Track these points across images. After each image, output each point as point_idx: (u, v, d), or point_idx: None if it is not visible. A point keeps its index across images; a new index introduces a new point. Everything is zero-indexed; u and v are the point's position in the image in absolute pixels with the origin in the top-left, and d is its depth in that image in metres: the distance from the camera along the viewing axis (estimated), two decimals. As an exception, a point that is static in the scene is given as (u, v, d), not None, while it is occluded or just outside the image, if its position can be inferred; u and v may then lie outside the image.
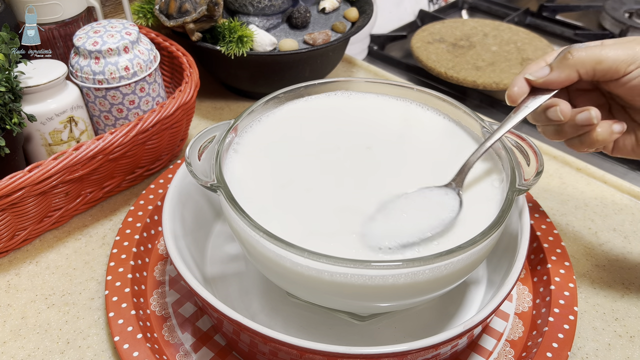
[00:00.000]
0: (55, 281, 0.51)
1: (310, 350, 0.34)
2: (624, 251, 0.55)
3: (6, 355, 0.45)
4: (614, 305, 0.50)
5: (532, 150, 0.42)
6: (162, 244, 0.53)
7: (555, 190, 0.63)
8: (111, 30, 0.57)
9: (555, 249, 0.51)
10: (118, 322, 0.44)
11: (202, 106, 0.76)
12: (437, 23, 0.98)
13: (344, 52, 0.78)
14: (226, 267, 0.51)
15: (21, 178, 0.47)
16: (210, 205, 0.53)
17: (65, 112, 0.55)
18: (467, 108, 0.47)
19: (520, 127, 0.81)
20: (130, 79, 0.57)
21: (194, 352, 0.44)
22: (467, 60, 0.86)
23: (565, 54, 0.41)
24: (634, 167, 0.72)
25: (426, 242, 0.37)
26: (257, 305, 0.47)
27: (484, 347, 0.45)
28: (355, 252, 0.37)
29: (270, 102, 0.48)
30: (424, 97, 0.49)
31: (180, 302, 0.48)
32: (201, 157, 0.41)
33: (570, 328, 0.44)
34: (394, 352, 0.34)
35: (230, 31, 0.65)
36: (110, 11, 0.76)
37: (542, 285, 0.49)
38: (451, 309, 0.47)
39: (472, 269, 0.39)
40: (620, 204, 0.61)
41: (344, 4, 0.78)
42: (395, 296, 0.37)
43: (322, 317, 0.46)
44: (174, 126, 0.59)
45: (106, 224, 0.57)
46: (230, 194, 0.38)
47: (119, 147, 0.53)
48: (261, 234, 0.35)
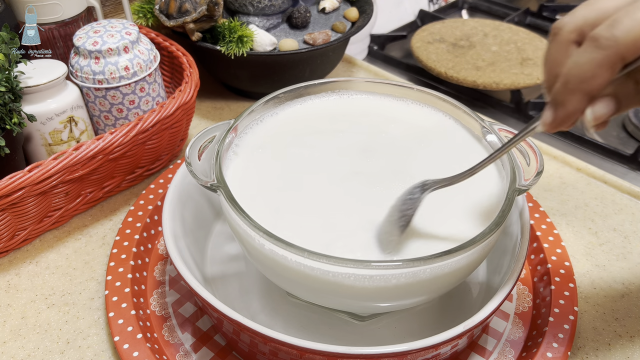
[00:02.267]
0: (55, 281, 0.51)
1: (310, 350, 0.34)
2: (624, 251, 0.55)
3: (6, 355, 0.45)
4: (614, 305, 0.50)
5: (532, 150, 0.42)
6: (162, 244, 0.53)
7: (555, 190, 0.63)
8: (111, 30, 0.57)
9: (555, 249, 0.51)
10: (118, 322, 0.44)
11: (202, 106, 0.76)
12: (437, 23, 0.98)
13: (344, 52, 0.78)
14: (226, 267, 0.51)
15: (21, 178, 0.47)
16: (210, 205, 0.53)
17: (65, 112, 0.55)
18: (467, 108, 0.47)
19: (521, 127, 0.81)
20: (130, 78, 0.57)
21: (194, 352, 0.44)
22: (467, 60, 0.86)
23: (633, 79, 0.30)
24: (634, 167, 0.72)
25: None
26: (257, 305, 0.47)
27: (484, 347, 0.45)
28: (354, 252, 0.37)
29: (270, 102, 0.48)
30: (424, 97, 0.49)
31: (180, 302, 0.48)
32: (201, 157, 0.41)
33: (570, 328, 0.44)
34: (394, 352, 0.34)
35: (230, 31, 0.65)
36: (110, 11, 0.76)
37: (542, 285, 0.49)
38: (451, 309, 0.47)
39: (472, 269, 0.39)
40: (620, 204, 0.61)
41: (344, 4, 0.78)
42: (395, 296, 0.37)
43: (322, 317, 0.46)
44: (174, 126, 0.59)
45: (106, 224, 0.57)
46: (230, 194, 0.38)
47: (119, 147, 0.53)
48: (261, 234, 0.35)
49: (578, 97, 0.30)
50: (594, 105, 0.31)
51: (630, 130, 0.79)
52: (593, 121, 0.31)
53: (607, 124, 0.33)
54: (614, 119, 0.82)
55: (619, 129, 0.80)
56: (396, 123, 0.48)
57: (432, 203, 0.41)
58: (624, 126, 0.80)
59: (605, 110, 0.31)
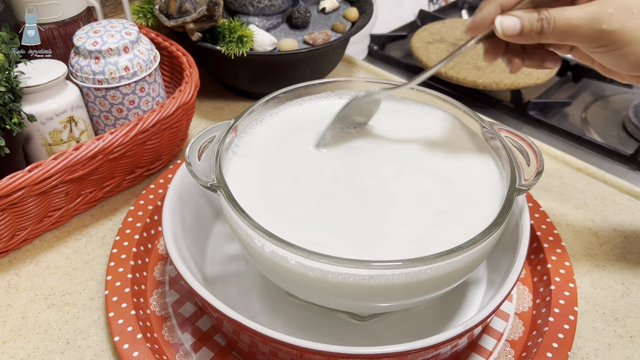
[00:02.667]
0: (55, 281, 0.51)
1: (310, 350, 0.34)
2: (624, 251, 0.55)
3: (6, 355, 0.45)
4: (614, 305, 0.50)
5: (532, 150, 0.42)
6: (162, 244, 0.53)
7: (555, 190, 0.63)
8: (111, 30, 0.57)
9: (555, 249, 0.51)
10: (118, 322, 0.44)
11: (202, 106, 0.76)
12: (437, 23, 0.98)
13: (344, 52, 0.78)
14: (226, 267, 0.51)
15: (21, 178, 0.47)
16: (210, 205, 0.53)
17: (65, 112, 0.55)
18: (467, 108, 0.47)
19: (520, 127, 0.81)
20: (130, 79, 0.57)
21: (194, 352, 0.44)
22: (467, 60, 0.86)
23: (539, 22, 0.39)
24: (634, 167, 0.72)
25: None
26: (257, 305, 0.47)
27: (484, 347, 0.45)
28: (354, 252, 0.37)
29: (270, 102, 0.48)
30: (424, 97, 0.49)
31: (180, 302, 0.48)
32: (201, 157, 0.41)
33: (570, 328, 0.44)
34: (394, 352, 0.34)
35: (230, 31, 0.65)
36: (110, 11, 0.76)
37: (542, 285, 0.49)
38: (451, 309, 0.47)
39: (472, 269, 0.39)
40: (620, 204, 0.61)
41: (344, 4, 0.78)
42: (396, 296, 0.37)
43: (322, 317, 0.46)
44: (174, 126, 0.59)
45: (106, 224, 0.57)
46: (230, 194, 0.38)
47: (119, 147, 0.53)
48: (261, 234, 0.35)
49: (492, 4, 0.41)
50: (503, 16, 0.40)
51: (630, 130, 0.79)
52: (500, 30, 0.40)
53: (496, 57, 0.44)
54: (614, 119, 0.82)
55: (619, 129, 0.80)
56: (396, 123, 0.48)
57: (432, 203, 0.41)
58: (624, 126, 0.80)
59: (510, 23, 0.39)
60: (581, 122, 0.82)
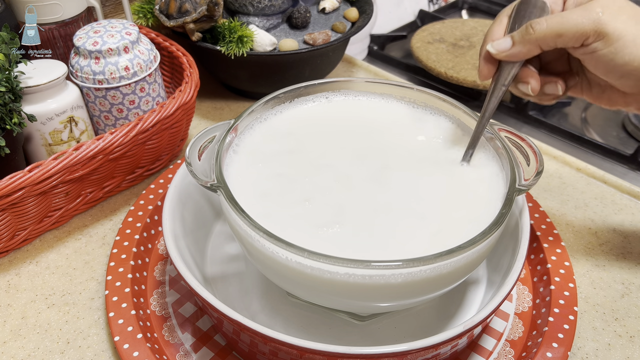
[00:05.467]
0: (55, 281, 0.51)
1: (310, 350, 0.34)
2: (624, 251, 0.55)
3: (6, 355, 0.45)
4: (614, 305, 0.50)
5: (532, 150, 0.42)
6: (162, 244, 0.53)
7: (555, 190, 0.63)
8: (111, 30, 0.57)
9: (555, 248, 0.51)
10: (118, 322, 0.44)
11: (202, 106, 0.76)
12: (437, 23, 0.98)
13: (344, 52, 0.78)
14: (226, 267, 0.51)
15: (21, 178, 0.47)
16: (210, 205, 0.53)
17: (65, 112, 0.55)
18: (467, 108, 0.47)
19: (520, 127, 0.81)
20: (130, 79, 0.57)
21: (194, 352, 0.44)
22: (467, 60, 0.86)
23: (526, 27, 0.42)
24: (634, 167, 0.72)
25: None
26: (257, 305, 0.47)
27: (484, 347, 0.45)
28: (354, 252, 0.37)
29: (270, 102, 0.48)
30: (424, 97, 0.49)
31: (180, 302, 0.48)
32: (201, 157, 0.41)
33: (570, 328, 0.44)
34: (394, 352, 0.34)
35: (230, 31, 0.65)
36: (110, 11, 0.76)
37: (542, 285, 0.49)
38: (451, 309, 0.47)
39: (472, 269, 0.39)
40: (620, 204, 0.61)
41: (344, 4, 0.78)
42: (396, 296, 0.37)
43: (322, 317, 0.46)
44: (174, 126, 0.59)
45: (106, 224, 0.57)
46: (230, 194, 0.38)
47: (119, 147, 0.53)
48: (261, 234, 0.35)
49: (485, 41, 0.45)
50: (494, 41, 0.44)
51: (630, 130, 0.79)
52: (493, 50, 0.43)
53: (490, 76, 0.46)
54: (614, 119, 0.82)
55: (618, 129, 0.80)
56: (396, 123, 0.48)
57: (431, 203, 0.41)
58: (624, 126, 0.80)
59: (501, 41, 0.43)
60: (581, 122, 0.82)
